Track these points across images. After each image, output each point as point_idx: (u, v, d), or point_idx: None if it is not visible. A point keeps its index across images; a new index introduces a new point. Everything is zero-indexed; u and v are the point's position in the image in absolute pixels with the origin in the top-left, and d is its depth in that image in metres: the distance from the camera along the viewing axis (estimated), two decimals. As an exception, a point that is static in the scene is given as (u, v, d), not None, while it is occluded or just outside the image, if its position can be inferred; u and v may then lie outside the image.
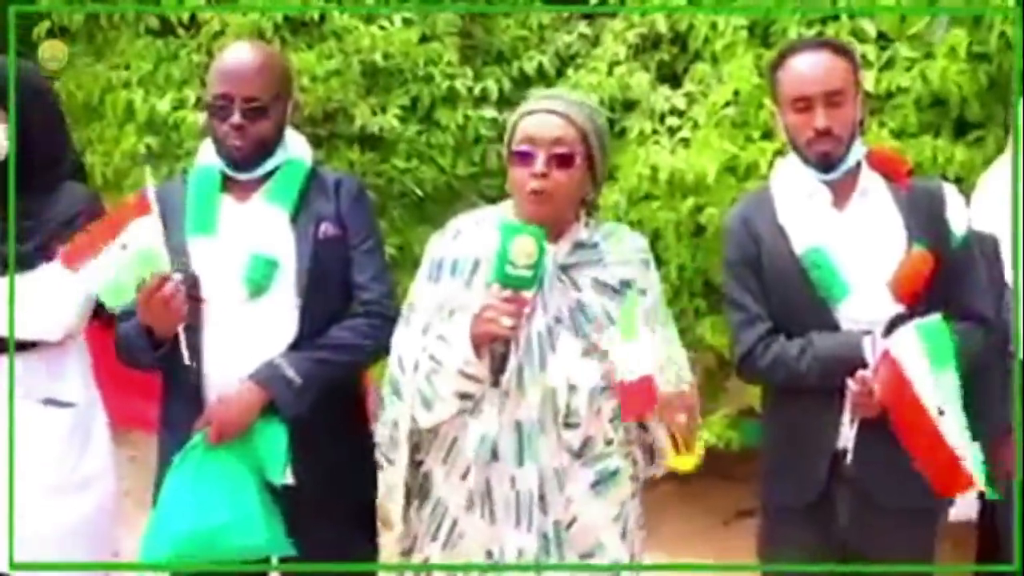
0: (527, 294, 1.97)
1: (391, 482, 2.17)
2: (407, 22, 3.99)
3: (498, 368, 1.99)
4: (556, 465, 2.06)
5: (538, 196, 2.04)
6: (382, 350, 2.24)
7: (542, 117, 2.07)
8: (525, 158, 2.05)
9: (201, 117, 3.62)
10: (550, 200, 2.05)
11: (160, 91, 4.01)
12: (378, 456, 2.19)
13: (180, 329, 2.14)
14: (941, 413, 2.05)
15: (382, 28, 3.96)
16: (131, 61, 4.13)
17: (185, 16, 4.08)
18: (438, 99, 4.01)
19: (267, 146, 2.29)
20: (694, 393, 2.09)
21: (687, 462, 2.02)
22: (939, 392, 2.05)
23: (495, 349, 1.98)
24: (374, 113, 3.94)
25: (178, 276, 2.12)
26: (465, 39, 4.15)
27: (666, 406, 2.00)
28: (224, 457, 2.20)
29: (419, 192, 4.00)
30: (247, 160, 2.28)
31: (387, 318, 2.25)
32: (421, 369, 2.06)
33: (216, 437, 2.19)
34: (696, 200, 3.52)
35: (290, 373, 2.20)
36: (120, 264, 2.09)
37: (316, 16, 3.97)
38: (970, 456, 2.06)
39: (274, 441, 2.22)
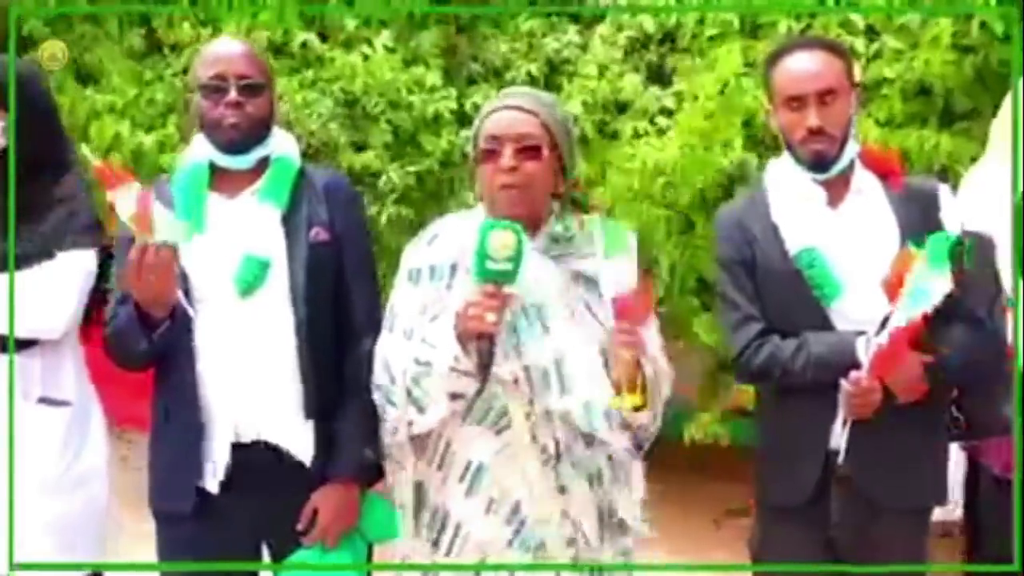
0: (510, 289, 1.97)
1: (406, 486, 2.18)
2: (389, 49, 3.93)
3: (485, 364, 1.99)
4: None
5: (509, 190, 2.05)
6: None
7: (504, 114, 2.09)
8: (492, 155, 2.06)
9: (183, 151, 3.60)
10: (521, 193, 2.05)
11: (145, 117, 3.96)
12: (391, 464, 2.20)
13: (181, 296, 2.10)
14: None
15: (365, 57, 3.91)
16: (115, 84, 4.08)
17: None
18: (421, 126, 3.94)
19: (263, 126, 2.26)
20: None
21: (635, 399, 2.01)
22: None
23: (481, 345, 1.97)
24: (357, 150, 3.89)
25: (161, 242, 2.02)
26: (450, 56, 4.09)
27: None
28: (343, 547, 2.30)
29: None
30: (243, 141, 2.24)
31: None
32: (408, 373, 2.05)
33: (334, 542, 2.26)
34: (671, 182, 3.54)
35: (367, 452, 2.24)
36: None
37: (298, 44, 3.96)
38: None
39: (383, 510, 2.29)
